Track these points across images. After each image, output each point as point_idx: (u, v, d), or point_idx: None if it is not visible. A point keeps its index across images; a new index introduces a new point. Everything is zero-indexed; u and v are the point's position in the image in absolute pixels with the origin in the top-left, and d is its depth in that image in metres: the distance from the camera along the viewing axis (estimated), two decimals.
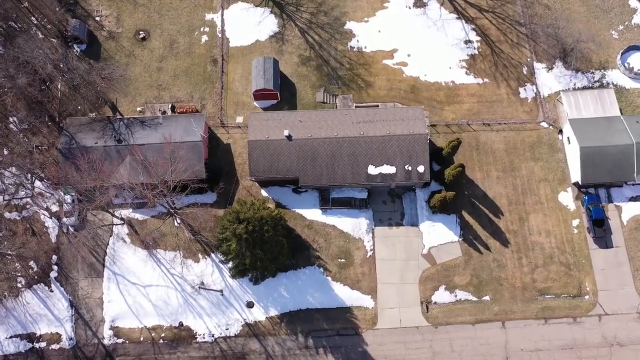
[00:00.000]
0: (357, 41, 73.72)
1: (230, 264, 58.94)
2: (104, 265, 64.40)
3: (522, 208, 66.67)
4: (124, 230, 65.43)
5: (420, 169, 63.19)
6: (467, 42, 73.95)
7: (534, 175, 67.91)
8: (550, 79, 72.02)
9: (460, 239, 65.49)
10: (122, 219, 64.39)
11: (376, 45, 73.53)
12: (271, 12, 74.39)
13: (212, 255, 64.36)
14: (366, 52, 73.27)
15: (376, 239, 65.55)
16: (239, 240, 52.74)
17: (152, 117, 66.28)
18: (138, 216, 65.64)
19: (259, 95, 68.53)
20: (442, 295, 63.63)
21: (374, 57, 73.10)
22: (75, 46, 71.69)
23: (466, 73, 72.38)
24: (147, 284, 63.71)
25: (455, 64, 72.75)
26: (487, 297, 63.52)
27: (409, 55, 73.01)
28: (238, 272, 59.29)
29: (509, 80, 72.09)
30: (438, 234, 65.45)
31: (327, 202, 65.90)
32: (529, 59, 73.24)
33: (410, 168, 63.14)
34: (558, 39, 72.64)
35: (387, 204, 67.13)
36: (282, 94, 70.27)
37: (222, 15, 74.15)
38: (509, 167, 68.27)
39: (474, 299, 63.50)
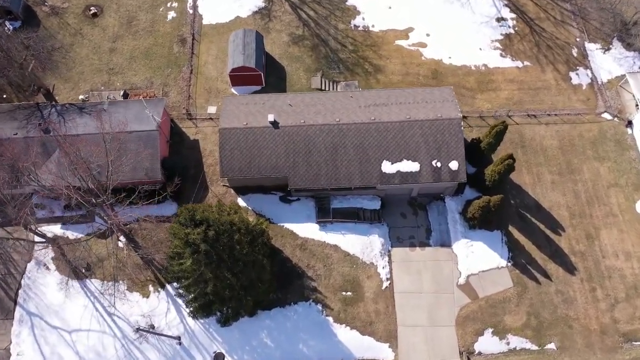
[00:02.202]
0: (363, 19, 59.16)
1: (187, 296, 40.86)
2: (15, 302, 46.14)
3: (590, 222, 49.49)
4: (48, 253, 47.72)
5: (453, 165, 46.55)
6: (500, 19, 59.47)
7: (601, 179, 51.23)
8: (607, 61, 56.90)
9: (510, 264, 47.86)
10: (46, 237, 46.84)
11: (386, 23, 58.93)
12: None
13: (168, 287, 46.45)
14: (374, 32, 58.50)
15: (394, 264, 47.91)
16: (194, 254, 35.14)
17: (94, 103, 50.15)
18: (69, 233, 48.11)
19: (237, 77, 52.87)
20: (489, 343, 45.25)
21: (384, 37, 58.27)
22: (6, 23, 56.69)
23: (501, 55, 57.34)
24: (75, 328, 45.26)
25: (486, 44, 57.87)
26: (552, 345, 45.12)
27: (427, 35, 58.22)
28: (199, 308, 41.19)
29: (555, 63, 56.92)
30: (479, 257, 47.89)
31: (326, 213, 48.71)
32: (578, 39, 58.42)
33: (439, 164, 46.51)
34: (614, 14, 58.20)
35: (408, 217, 49.96)
36: (268, 79, 54.75)
37: None
38: (567, 169, 51.69)
39: (534, 347, 45.07)
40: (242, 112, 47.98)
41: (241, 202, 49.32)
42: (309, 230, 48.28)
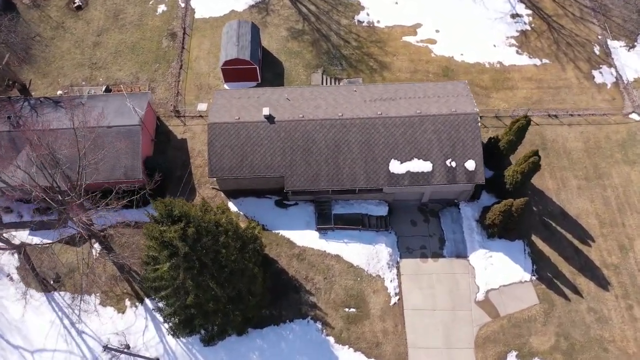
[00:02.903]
0: (367, 14, 55.08)
1: (165, 309, 35.30)
2: None
3: (622, 231, 44.18)
4: (12, 261, 42.39)
5: (470, 164, 41.55)
6: (515, 15, 55.37)
7: (632, 185, 46.11)
8: (633, 59, 52.47)
9: (534, 278, 42.38)
10: (10, 243, 41.49)
11: (393, 19, 54.85)
12: None
13: (147, 301, 40.91)
14: (379, 28, 54.36)
15: (404, 277, 42.46)
16: (172, 257, 29.86)
17: (72, 97, 45.56)
18: (37, 240, 42.77)
19: (230, 72, 48.34)
20: None
21: (390, 33, 54.08)
22: None
23: (517, 52, 53.01)
24: (38, 348, 39.57)
25: (501, 41, 53.61)
26: None
27: (437, 32, 54.04)
28: (180, 324, 35.59)
29: (576, 61, 52.51)
30: (499, 270, 42.45)
31: (327, 220, 43.52)
32: (599, 37, 54.15)
33: (454, 164, 41.51)
34: (638, 11, 54.08)
35: (418, 224, 44.71)
36: (264, 74, 50.33)
37: None
38: (594, 173, 46.66)
39: None
40: (234, 106, 43.31)
41: (232, 206, 44.19)
42: (307, 238, 43.00)
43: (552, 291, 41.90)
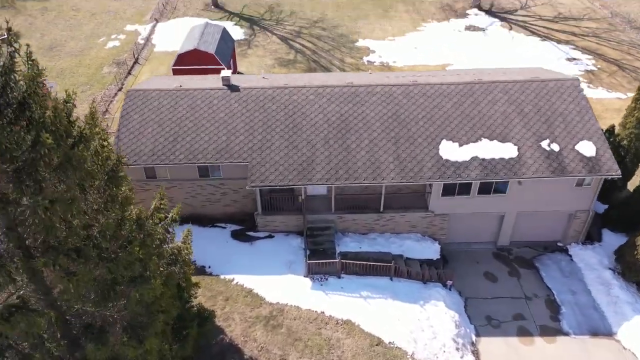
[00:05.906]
0: (380, 56, 42.52)
1: None
2: None
3: None
4: None
5: (585, 147, 23.03)
6: (571, 59, 42.85)
7: None
8: None
9: None
10: None
11: (413, 60, 42.06)
12: (236, 24, 45.79)
13: None
14: (397, 66, 41.21)
15: None
16: None
17: None
18: None
19: (186, 73, 32.57)
20: None
21: (411, 70, 40.67)
22: None
23: (590, 87, 38.78)
24: None
25: None
26: None
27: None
28: None
29: None
30: None
31: (324, 257, 22.78)
32: None
33: (556, 147, 23.05)
34: None
35: (501, 279, 23.67)
36: None
37: (154, 26, 45.11)
38: None
39: None
40: (177, 80, 26.89)
41: None
42: (288, 287, 21.71)
43: None
